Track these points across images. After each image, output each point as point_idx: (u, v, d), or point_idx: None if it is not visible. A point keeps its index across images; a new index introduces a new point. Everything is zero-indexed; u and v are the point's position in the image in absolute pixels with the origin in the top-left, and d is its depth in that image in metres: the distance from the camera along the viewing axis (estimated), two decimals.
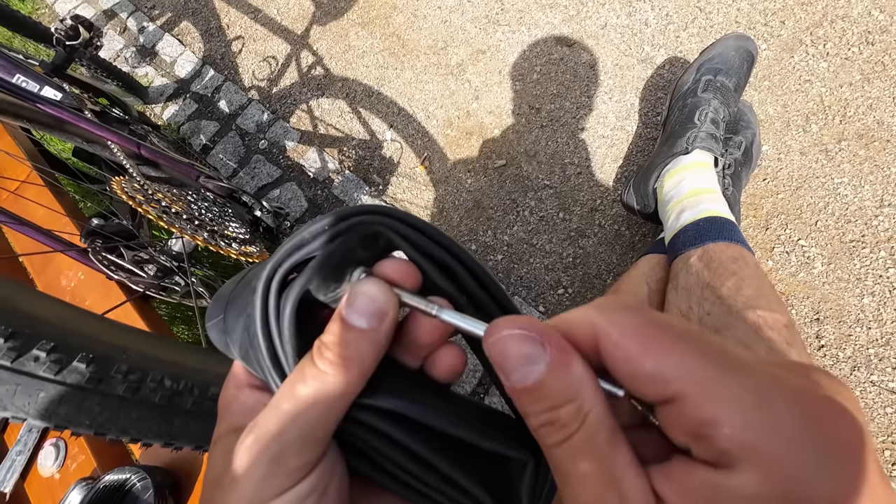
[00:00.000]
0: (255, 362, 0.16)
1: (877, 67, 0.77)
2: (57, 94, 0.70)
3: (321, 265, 0.15)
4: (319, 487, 0.15)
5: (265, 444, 0.14)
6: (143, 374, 0.29)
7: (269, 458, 0.14)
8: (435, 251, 0.17)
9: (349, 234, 0.15)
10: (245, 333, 0.16)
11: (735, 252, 0.55)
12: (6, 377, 0.25)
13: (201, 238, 0.57)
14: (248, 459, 0.14)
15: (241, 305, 0.16)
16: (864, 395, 0.65)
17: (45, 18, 1.44)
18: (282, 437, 0.14)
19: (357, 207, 0.16)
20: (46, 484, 0.54)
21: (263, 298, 0.15)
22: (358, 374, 0.15)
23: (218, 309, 0.18)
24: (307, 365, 0.15)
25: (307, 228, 0.15)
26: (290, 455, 0.14)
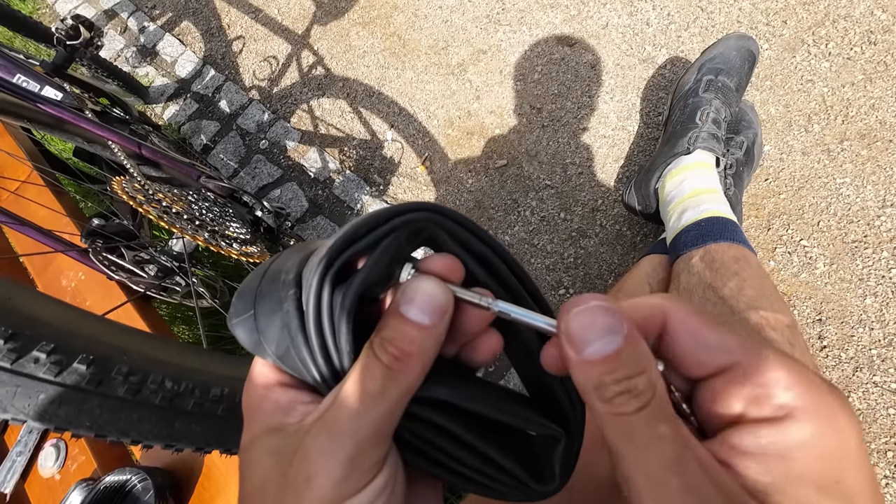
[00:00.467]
0: (298, 360, 0.16)
1: (879, 67, 0.77)
2: (58, 94, 0.70)
3: (377, 262, 0.15)
4: (391, 482, 0.15)
5: (341, 443, 0.14)
6: (144, 375, 0.29)
7: (347, 457, 0.14)
8: (476, 246, 0.17)
9: (401, 231, 0.16)
10: (284, 331, 0.16)
11: (737, 252, 0.54)
12: (6, 379, 0.25)
13: (202, 238, 0.57)
14: (324, 459, 0.14)
15: (275, 301, 0.16)
16: (867, 396, 0.65)
17: (46, 18, 1.44)
18: (357, 434, 0.14)
19: (404, 205, 0.16)
20: (47, 485, 0.54)
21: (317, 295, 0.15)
22: (421, 369, 0.15)
23: (245, 306, 0.17)
24: (371, 361, 0.15)
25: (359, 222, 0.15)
26: (367, 452, 0.14)
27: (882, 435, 0.63)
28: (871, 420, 0.64)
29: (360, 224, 0.15)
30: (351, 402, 0.14)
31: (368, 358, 0.15)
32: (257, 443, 0.16)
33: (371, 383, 0.14)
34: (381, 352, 0.15)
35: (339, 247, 0.15)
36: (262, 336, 0.16)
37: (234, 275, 0.89)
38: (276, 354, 0.16)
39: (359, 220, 0.15)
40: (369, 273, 0.15)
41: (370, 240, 0.15)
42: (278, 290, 0.16)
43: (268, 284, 0.17)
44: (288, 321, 0.15)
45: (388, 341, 0.15)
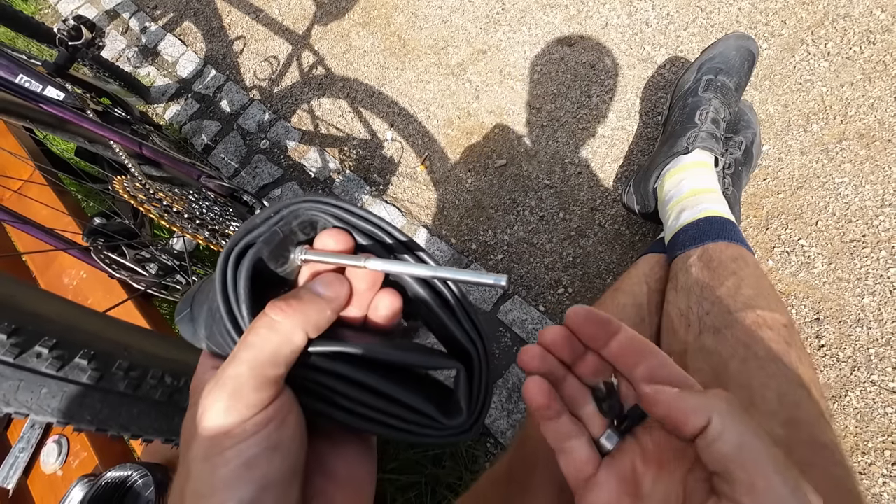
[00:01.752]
0: (218, 335, 0.19)
1: (878, 67, 0.77)
2: (60, 94, 0.70)
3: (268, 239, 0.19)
4: (277, 418, 0.17)
5: (223, 383, 0.17)
6: (144, 370, 0.29)
7: (228, 394, 0.17)
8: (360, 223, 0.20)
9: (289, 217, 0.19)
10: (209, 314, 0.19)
11: (735, 252, 0.54)
12: (9, 373, 0.25)
13: (202, 237, 0.57)
14: (211, 397, 0.17)
15: (205, 294, 0.19)
16: (865, 395, 0.65)
17: (48, 19, 1.45)
18: (237, 377, 0.17)
19: (294, 198, 0.20)
20: (49, 480, 0.54)
21: (222, 271, 0.18)
22: (303, 321, 0.18)
23: (185, 304, 0.20)
24: (259, 317, 0.18)
25: (257, 216, 0.19)
26: (246, 390, 0.17)
27: (879, 434, 0.63)
28: (869, 419, 0.64)
29: (256, 216, 0.19)
30: (237, 353, 0.17)
31: (257, 317, 0.18)
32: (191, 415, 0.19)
33: (252, 336, 0.17)
34: (270, 307, 0.18)
35: (239, 234, 0.19)
36: (195, 325, 0.20)
37: None
38: (206, 338, 0.19)
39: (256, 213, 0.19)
40: (261, 248, 0.18)
41: (264, 227, 0.19)
42: (209, 287, 0.19)
43: (204, 285, 0.20)
44: (210, 304, 0.19)
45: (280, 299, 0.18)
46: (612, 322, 0.22)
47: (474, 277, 0.17)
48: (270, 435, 0.17)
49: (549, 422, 0.23)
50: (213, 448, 0.16)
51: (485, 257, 0.87)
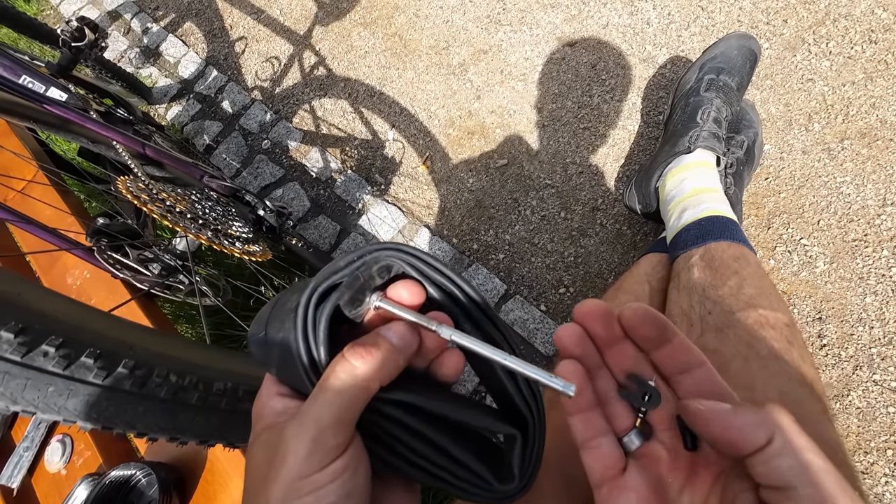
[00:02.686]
0: (293, 369, 0.19)
1: (880, 66, 0.77)
2: (62, 95, 0.71)
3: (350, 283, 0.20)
4: (351, 466, 0.18)
5: (307, 427, 0.18)
6: (149, 369, 0.29)
7: (311, 438, 0.17)
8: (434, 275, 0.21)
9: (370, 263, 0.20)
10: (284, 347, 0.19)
11: (737, 251, 0.55)
12: (16, 372, 0.25)
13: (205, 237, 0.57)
14: (293, 440, 0.18)
15: (280, 324, 0.20)
16: (867, 394, 0.65)
17: (51, 20, 1.45)
18: (319, 420, 0.17)
19: (377, 244, 0.21)
20: (53, 479, 0.54)
21: (304, 310, 0.19)
22: (379, 369, 0.18)
23: (258, 327, 0.21)
24: (338, 361, 0.18)
25: (340, 259, 0.20)
26: (328, 436, 0.17)
27: (882, 433, 0.63)
28: (871, 419, 0.64)
29: (340, 259, 0.20)
30: (318, 396, 0.18)
31: (336, 359, 0.19)
32: (258, 439, 0.20)
33: (334, 379, 0.18)
34: (349, 351, 0.18)
35: (323, 275, 0.20)
36: (268, 350, 0.20)
37: (237, 273, 0.90)
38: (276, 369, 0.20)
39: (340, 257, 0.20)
40: (342, 293, 0.19)
41: (347, 270, 0.20)
42: (283, 314, 0.20)
43: (277, 310, 0.21)
44: (286, 338, 0.19)
45: (358, 343, 0.19)
46: (668, 327, 0.21)
47: (543, 378, 0.18)
48: (346, 482, 0.18)
49: (580, 414, 0.22)
50: (293, 492, 0.17)
51: (486, 257, 0.87)
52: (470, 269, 0.86)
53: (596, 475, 0.21)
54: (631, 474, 0.21)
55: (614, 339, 0.22)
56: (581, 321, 0.22)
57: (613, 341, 0.22)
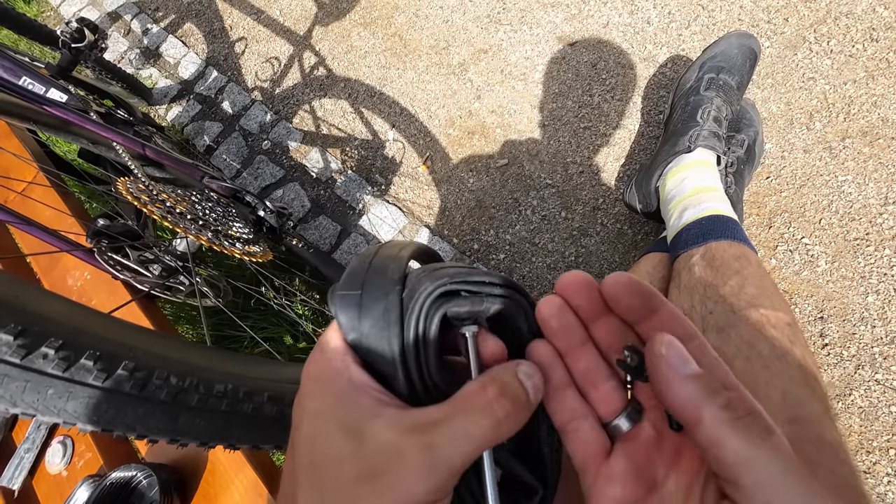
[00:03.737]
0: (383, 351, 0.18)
1: (881, 64, 0.77)
2: (62, 96, 0.71)
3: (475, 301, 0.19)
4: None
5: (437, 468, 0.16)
6: (149, 371, 0.29)
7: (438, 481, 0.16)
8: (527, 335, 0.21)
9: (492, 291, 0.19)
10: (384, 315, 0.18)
11: (738, 250, 0.54)
12: (16, 374, 0.25)
13: (205, 238, 0.57)
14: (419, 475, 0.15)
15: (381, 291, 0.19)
16: (869, 393, 0.64)
17: (51, 21, 1.45)
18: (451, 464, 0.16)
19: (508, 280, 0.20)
20: (54, 481, 0.54)
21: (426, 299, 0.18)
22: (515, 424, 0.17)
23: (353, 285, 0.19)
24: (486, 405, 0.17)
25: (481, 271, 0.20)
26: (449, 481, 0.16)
27: (884, 433, 0.63)
28: (874, 418, 0.64)
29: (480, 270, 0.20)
30: (457, 436, 0.16)
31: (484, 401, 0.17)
32: (329, 413, 0.17)
33: (476, 428, 0.16)
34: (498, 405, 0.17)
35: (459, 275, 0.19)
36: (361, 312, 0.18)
37: (237, 274, 0.90)
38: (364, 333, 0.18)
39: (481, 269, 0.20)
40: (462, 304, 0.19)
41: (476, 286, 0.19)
42: (385, 283, 0.19)
43: (375, 275, 0.19)
44: (389, 308, 0.18)
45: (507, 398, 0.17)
46: (654, 296, 0.19)
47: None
48: None
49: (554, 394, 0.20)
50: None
51: (487, 257, 0.87)
52: None
53: (579, 461, 0.20)
54: (616, 460, 0.19)
55: (599, 312, 0.20)
56: (563, 293, 0.20)
57: (598, 314, 0.20)
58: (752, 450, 0.15)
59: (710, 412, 0.16)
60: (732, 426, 0.15)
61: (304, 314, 0.88)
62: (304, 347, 0.86)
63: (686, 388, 0.16)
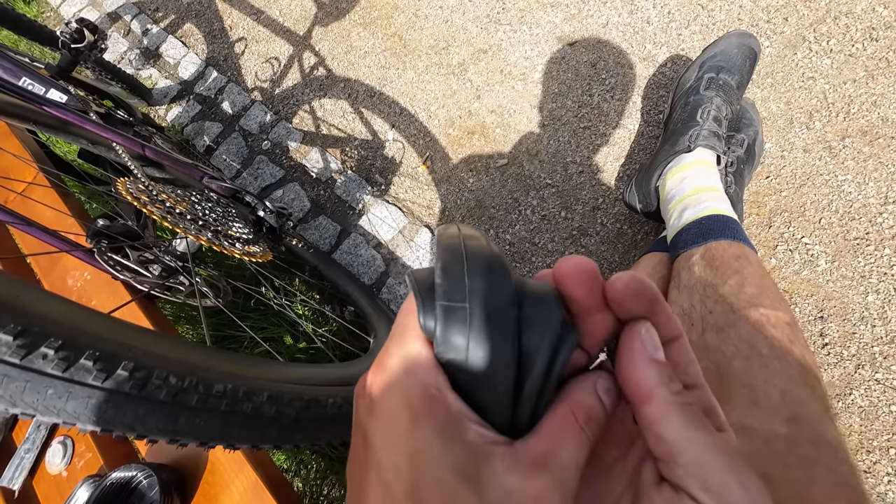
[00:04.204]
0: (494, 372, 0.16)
1: (881, 64, 0.77)
2: (62, 97, 0.71)
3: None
4: None
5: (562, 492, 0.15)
6: (149, 371, 0.29)
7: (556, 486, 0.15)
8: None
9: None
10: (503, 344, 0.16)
11: (737, 250, 0.54)
12: (15, 374, 0.25)
13: (205, 238, 0.57)
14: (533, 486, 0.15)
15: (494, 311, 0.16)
16: (869, 393, 0.64)
17: (51, 22, 1.45)
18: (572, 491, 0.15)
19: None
20: (55, 481, 0.54)
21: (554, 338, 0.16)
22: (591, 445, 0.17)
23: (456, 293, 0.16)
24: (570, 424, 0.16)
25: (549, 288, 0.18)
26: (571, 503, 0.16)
27: (884, 432, 0.63)
28: (874, 417, 0.64)
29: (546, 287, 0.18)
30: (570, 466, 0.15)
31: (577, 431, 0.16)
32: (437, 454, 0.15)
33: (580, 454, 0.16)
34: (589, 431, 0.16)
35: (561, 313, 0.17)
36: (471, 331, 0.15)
37: (237, 274, 0.90)
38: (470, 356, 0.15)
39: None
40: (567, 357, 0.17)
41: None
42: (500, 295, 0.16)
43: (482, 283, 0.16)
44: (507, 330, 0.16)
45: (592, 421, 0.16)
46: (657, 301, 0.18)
47: None
48: None
49: None
50: None
51: None
52: None
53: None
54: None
55: (596, 308, 0.18)
56: (561, 281, 0.18)
57: (595, 310, 0.18)
58: (693, 431, 0.15)
59: (661, 393, 0.16)
60: (679, 408, 0.16)
61: (304, 314, 0.88)
62: (304, 347, 0.86)
63: (647, 369, 0.16)
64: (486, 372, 0.15)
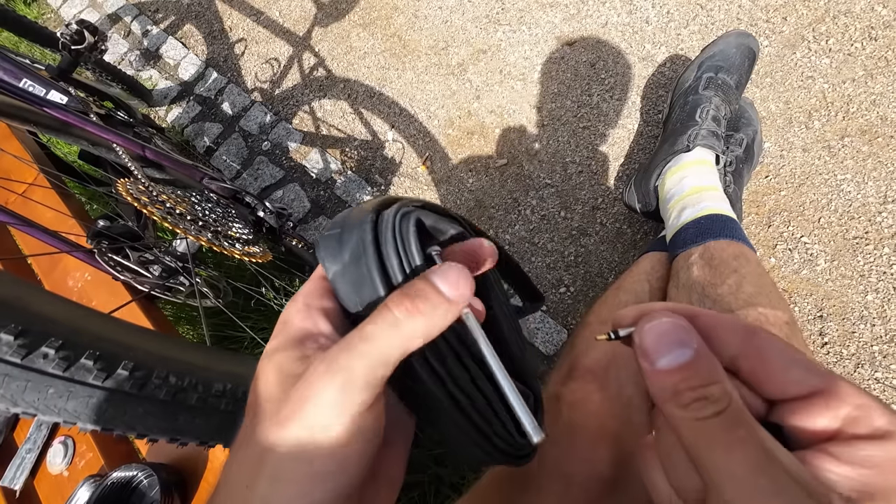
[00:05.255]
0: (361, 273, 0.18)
1: (880, 63, 0.77)
2: (63, 98, 0.71)
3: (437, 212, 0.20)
4: (377, 421, 0.17)
5: (334, 372, 0.16)
6: (149, 371, 0.30)
7: (338, 387, 0.16)
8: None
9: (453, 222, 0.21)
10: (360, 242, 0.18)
11: (736, 250, 0.54)
12: (17, 374, 0.25)
13: (205, 239, 0.57)
14: (318, 383, 0.16)
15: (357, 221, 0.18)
16: (869, 391, 0.64)
17: (51, 23, 1.46)
18: (350, 370, 0.16)
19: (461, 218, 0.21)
20: (56, 481, 0.55)
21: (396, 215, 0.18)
22: (423, 331, 0.16)
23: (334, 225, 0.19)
24: (382, 310, 0.16)
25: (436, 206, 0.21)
26: (356, 388, 0.16)
27: None
28: None
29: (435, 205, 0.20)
30: (352, 341, 0.16)
31: (381, 307, 0.16)
32: (275, 355, 0.18)
33: (373, 328, 0.16)
34: (395, 304, 0.16)
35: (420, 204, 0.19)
36: (342, 245, 0.18)
37: (237, 275, 0.90)
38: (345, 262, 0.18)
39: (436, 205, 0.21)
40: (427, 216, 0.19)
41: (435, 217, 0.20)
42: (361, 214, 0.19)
43: (353, 214, 0.19)
44: (364, 232, 0.18)
45: (406, 296, 0.16)
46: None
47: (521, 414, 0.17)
48: (368, 440, 0.16)
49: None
50: (310, 443, 0.15)
51: None
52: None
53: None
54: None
55: None
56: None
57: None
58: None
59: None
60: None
61: None
62: None
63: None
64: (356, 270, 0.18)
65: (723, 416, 0.14)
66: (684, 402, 0.15)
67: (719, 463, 0.14)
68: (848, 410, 0.15)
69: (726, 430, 0.14)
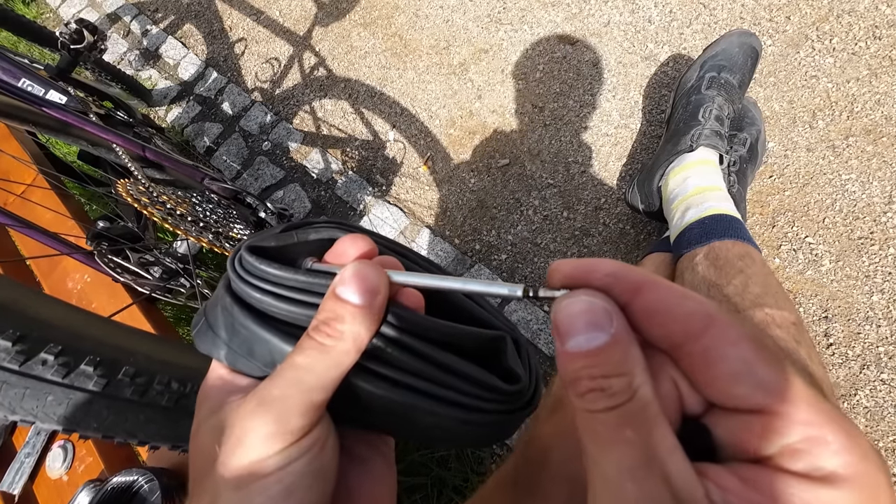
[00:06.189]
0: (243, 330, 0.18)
1: (884, 62, 0.76)
2: (62, 98, 0.70)
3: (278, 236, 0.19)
4: (319, 443, 0.16)
5: (268, 406, 0.16)
6: (150, 376, 0.29)
7: (273, 419, 0.15)
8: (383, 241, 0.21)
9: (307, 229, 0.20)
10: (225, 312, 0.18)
11: (741, 250, 0.54)
12: (15, 381, 0.25)
13: (206, 240, 0.57)
14: (253, 420, 0.15)
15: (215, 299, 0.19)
16: (874, 393, 0.64)
17: (50, 23, 1.45)
18: (284, 400, 0.16)
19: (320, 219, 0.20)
20: (55, 486, 0.54)
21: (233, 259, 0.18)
22: (353, 346, 0.16)
23: (198, 318, 0.20)
24: (305, 338, 0.16)
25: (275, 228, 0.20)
26: (293, 417, 0.15)
27: (890, 433, 0.62)
28: (879, 418, 0.63)
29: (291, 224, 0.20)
30: (284, 373, 0.16)
31: (304, 337, 0.16)
32: (202, 427, 0.18)
33: (301, 358, 0.16)
34: (315, 331, 0.16)
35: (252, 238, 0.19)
36: (212, 328, 0.18)
37: None
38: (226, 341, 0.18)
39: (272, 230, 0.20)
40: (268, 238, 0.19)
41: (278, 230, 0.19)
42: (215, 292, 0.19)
43: (210, 298, 0.20)
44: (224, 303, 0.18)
45: (323, 322, 0.16)
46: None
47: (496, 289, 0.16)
48: (312, 461, 0.16)
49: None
50: (251, 476, 0.15)
51: (488, 258, 0.87)
52: (472, 270, 0.86)
53: None
54: None
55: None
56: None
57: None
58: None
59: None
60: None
61: None
62: None
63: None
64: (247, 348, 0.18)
65: (615, 412, 0.13)
66: (580, 391, 0.13)
67: (597, 459, 0.13)
68: (791, 441, 0.13)
69: (613, 427, 0.13)
